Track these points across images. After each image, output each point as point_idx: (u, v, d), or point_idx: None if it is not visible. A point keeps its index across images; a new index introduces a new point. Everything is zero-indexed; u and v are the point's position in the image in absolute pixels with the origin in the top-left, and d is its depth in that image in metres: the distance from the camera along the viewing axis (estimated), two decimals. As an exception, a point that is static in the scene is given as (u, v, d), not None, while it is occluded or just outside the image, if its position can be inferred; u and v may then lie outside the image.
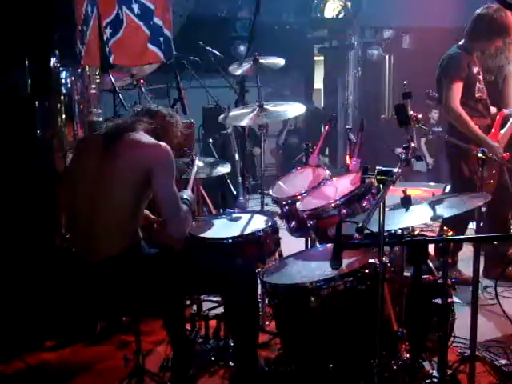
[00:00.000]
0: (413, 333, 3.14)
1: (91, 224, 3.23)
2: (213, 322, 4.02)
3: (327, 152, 10.14)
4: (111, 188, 3.19)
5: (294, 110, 4.45)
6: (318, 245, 3.91)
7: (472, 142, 4.65)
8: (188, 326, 3.96)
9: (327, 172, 4.10)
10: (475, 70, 4.89)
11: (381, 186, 2.69)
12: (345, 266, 3.13)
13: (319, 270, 3.27)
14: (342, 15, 9.07)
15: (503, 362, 3.73)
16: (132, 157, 3.20)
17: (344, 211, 3.52)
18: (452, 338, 3.65)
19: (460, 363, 3.55)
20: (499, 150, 4.76)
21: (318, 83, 10.48)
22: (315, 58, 10.29)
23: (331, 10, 9.07)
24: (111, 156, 3.21)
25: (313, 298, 3.10)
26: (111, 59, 5.15)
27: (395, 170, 2.68)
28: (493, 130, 4.87)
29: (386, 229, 2.76)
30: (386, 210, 2.76)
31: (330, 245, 3.49)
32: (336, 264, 2.71)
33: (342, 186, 3.80)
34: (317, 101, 10.44)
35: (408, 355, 3.10)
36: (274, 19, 8.25)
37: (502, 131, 4.93)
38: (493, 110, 5.10)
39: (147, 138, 3.29)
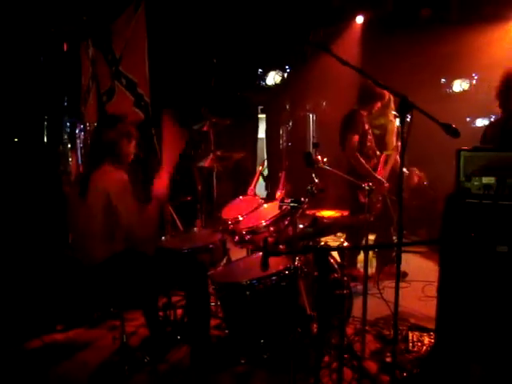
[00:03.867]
0: (320, 315, 3.16)
1: (85, 239, 3.20)
2: (180, 311, 3.99)
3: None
4: (93, 212, 3.11)
5: (238, 154, 4.50)
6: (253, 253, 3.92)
7: (364, 177, 4.74)
8: (161, 314, 3.91)
9: (260, 200, 4.11)
10: (366, 126, 4.98)
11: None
12: (272, 268, 3.14)
13: (254, 271, 3.27)
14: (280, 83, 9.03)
15: (386, 332, 3.78)
16: (97, 188, 3.07)
17: (271, 228, 3.55)
18: (351, 318, 3.70)
19: (355, 335, 3.60)
20: (384, 183, 4.86)
21: (262, 133, 10.48)
22: (259, 116, 10.32)
23: (272, 78, 9.04)
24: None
25: (248, 292, 3.10)
26: (107, 118, 5.19)
27: (303, 199, 2.72)
28: (379, 169, 4.96)
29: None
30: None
31: (261, 253, 3.48)
32: (265, 267, 2.72)
33: (270, 210, 3.82)
34: (260, 148, 10.43)
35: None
36: (228, 88, 8.26)
37: (385, 168, 5.04)
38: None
39: (106, 172, 3.13)
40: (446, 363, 3.21)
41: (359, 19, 8.43)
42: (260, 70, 8.65)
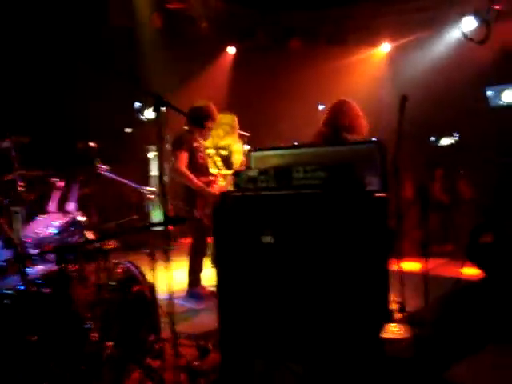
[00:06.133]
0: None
1: None
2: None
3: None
4: None
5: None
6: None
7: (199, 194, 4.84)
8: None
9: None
10: (195, 144, 5.03)
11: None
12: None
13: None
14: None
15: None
16: None
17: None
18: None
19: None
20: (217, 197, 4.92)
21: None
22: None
23: (150, 112, 8.98)
24: None
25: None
26: None
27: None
28: (213, 185, 5.02)
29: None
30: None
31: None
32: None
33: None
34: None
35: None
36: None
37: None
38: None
39: None
40: (232, 362, 3.19)
41: (231, 50, 8.73)
42: (138, 104, 8.69)
